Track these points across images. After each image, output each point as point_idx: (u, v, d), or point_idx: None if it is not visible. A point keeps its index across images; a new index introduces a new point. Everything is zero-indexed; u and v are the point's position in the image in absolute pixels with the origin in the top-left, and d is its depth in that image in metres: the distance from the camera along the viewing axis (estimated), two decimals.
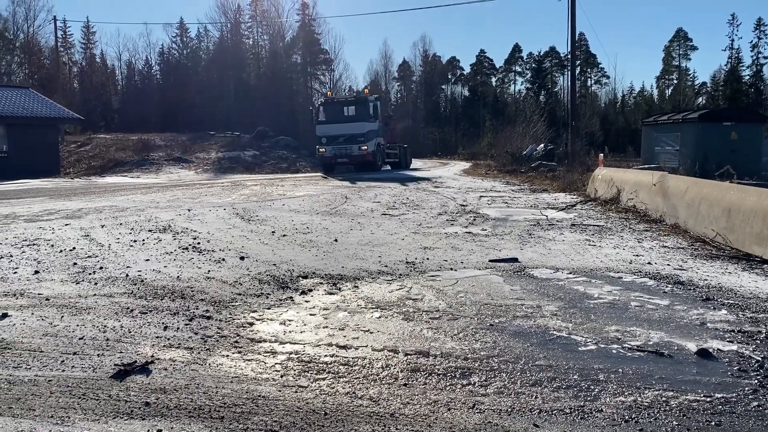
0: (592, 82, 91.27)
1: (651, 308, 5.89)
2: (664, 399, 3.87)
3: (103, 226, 10.70)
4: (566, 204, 14.56)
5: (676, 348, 4.79)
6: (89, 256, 8.18)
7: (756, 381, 4.16)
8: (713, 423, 3.56)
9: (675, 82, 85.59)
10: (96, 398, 3.86)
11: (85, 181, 24.77)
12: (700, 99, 76.26)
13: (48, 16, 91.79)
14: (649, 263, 7.89)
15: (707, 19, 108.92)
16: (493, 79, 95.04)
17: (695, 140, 22.42)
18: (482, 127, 72.31)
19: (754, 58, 70.66)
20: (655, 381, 4.16)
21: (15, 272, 7.29)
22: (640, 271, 7.42)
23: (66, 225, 10.84)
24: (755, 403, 3.81)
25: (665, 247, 8.99)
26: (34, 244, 8.99)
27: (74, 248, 8.71)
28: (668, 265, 7.78)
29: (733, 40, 75.96)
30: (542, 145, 32.19)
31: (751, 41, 70.62)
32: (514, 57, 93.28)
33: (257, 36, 79.00)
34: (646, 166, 22.20)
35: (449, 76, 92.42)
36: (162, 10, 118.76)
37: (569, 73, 37.16)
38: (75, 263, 7.77)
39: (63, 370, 4.30)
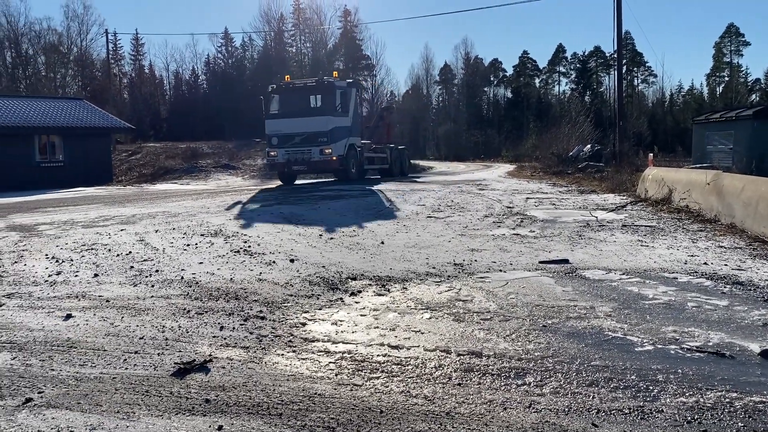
0: (639, 81, 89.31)
1: (709, 309, 5.74)
2: (727, 400, 3.77)
3: (156, 231, 10.98)
4: (616, 205, 14.28)
5: (738, 349, 4.66)
6: (145, 260, 8.42)
7: None
8: None
9: (726, 79, 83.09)
10: (158, 395, 3.97)
11: (137, 188, 25.49)
12: (754, 96, 73.81)
13: (99, 30, 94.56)
14: (705, 263, 7.68)
15: (760, 13, 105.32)
16: (537, 81, 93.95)
17: (750, 138, 21.72)
18: (526, 129, 71.52)
19: None
20: (717, 382, 4.05)
21: (76, 275, 7.56)
22: (696, 272, 7.23)
23: (121, 230, 11.16)
24: None
25: (721, 247, 8.74)
26: (92, 249, 9.29)
27: (130, 252, 8.97)
28: (725, 265, 7.56)
29: None
30: (589, 146, 31.64)
31: None
32: (558, 57, 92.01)
33: (300, 44, 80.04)
34: (698, 165, 21.60)
35: (491, 79, 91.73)
36: (208, 20, 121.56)
37: (615, 72, 36.33)
38: (132, 266, 8.00)
39: (126, 368, 4.45)
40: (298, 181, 24.40)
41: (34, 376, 4.32)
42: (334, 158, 21.60)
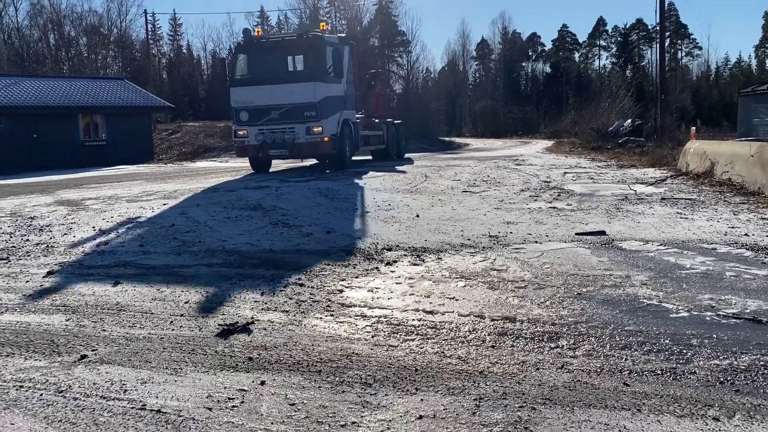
0: (683, 54, 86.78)
1: (748, 278, 5.69)
2: (762, 363, 3.78)
3: (198, 205, 11.27)
4: (656, 178, 14.06)
5: None
6: (187, 232, 8.68)
7: None
8: None
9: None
10: (204, 353, 4.17)
11: (177, 165, 26.03)
12: None
13: (138, 11, 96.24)
14: (746, 235, 7.56)
15: None
16: (576, 55, 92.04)
17: None
18: (565, 105, 70.32)
19: None
20: (753, 347, 4.05)
21: (122, 246, 7.85)
22: (736, 243, 7.14)
23: (164, 204, 11.48)
24: None
25: (765, 219, 8.57)
26: (137, 222, 9.61)
27: (173, 225, 9.26)
28: (767, 236, 7.44)
29: None
30: (629, 121, 31.02)
31: None
32: (598, 31, 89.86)
33: (335, 21, 79.77)
34: (744, 138, 21.02)
35: (530, 53, 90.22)
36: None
37: (658, 45, 35.36)
38: (175, 238, 8.27)
39: (173, 330, 4.66)
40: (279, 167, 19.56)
41: (87, 335, 4.57)
42: (326, 139, 15.91)
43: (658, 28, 31.06)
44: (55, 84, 30.49)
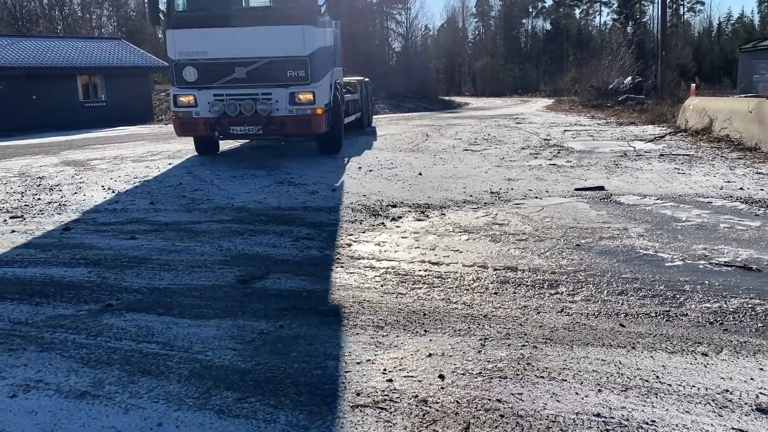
0: (685, 9, 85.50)
1: (741, 229, 5.91)
2: (750, 306, 4.03)
3: (203, 165, 11.44)
4: (655, 135, 14.19)
5: (765, 263, 4.87)
6: (195, 190, 8.87)
7: None
8: None
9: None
10: (223, 300, 4.41)
11: None
12: None
13: None
14: (741, 189, 7.77)
15: None
16: (577, 12, 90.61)
17: None
18: (565, 63, 69.69)
19: None
20: (742, 291, 4.30)
21: (133, 204, 8.05)
22: (732, 196, 7.35)
23: (169, 164, 11.65)
24: None
25: (760, 173, 8.77)
26: (144, 181, 9.79)
27: (180, 183, 9.44)
28: (762, 190, 7.64)
29: None
30: (629, 78, 30.88)
31: None
32: None
33: None
34: (743, 95, 21.02)
35: (530, 10, 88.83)
36: None
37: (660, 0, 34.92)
38: (184, 196, 8.46)
39: (192, 280, 4.89)
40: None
41: (110, 286, 4.80)
42: (319, 111, 11.01)
43: None
44: (52, 44, 30.20)
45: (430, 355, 3.45)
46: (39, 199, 8.62)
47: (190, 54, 10.90)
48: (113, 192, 8.91)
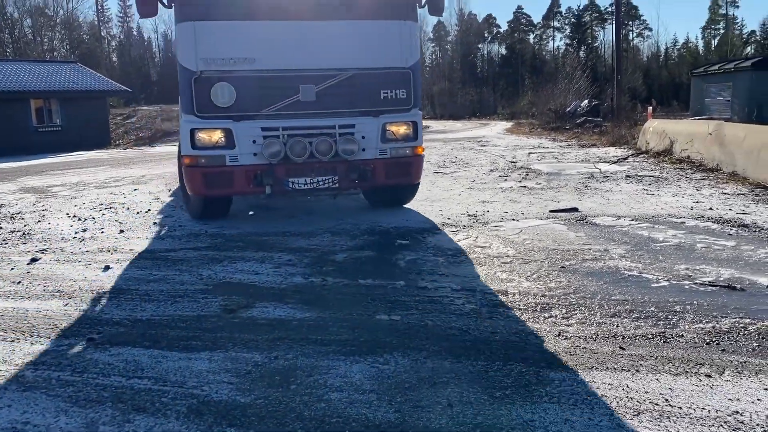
0: (634, 35, 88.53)
1: (718, 249, 6.03)
2: (741, 325, 4.08)
3: (170, 190, 11.19)
4: (618, 157, 14.52)
5: (747, 282, 4.96)
6: (166, 216, 8.64)
7: None
8: None
9: (722, 31, 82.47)
10: (212, 331, 4.25)
11: (138, 151, 25.48)
12: (749, 48, 73.42)
13: None
14: (710, 209, 7.96)
15: None
16: (531, 37, 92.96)
17: (748, 89, 21.86)
18: (521, 86, 71.15)
19: None
20: (731, 311, 4.36)
21: (102, 232, 7.78)
22: (703, 216, 7.52)
23: (135, 190, 11.36)
24: None
25: (725, 193, 9.02)
26: (111, 207, 9.50)
27: (149, 210, 9.19)
28: (730, 210, 7.85)
29: None
30: (586, 101, 31.69)
31: None
32: (553, 12, 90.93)
33: None
34: (698, 117, 21.78)
35: (485, 35, 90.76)
36: None
37: (611, 26, 36.06)
38: (154, 222, 8.23)
39: (175, 311, 4.71)
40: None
41: (89, 319, 4.59)
42: (421, 151, 7.84)
43: (610, 9, 31.66)
44: (4, 67, 29.40)
45: (434, 384, 3.38)
46: (0, 228, 8.27)
47: (224, 62, 6.76)
48: (79, 220, 8.62)
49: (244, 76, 6.86)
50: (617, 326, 4.16)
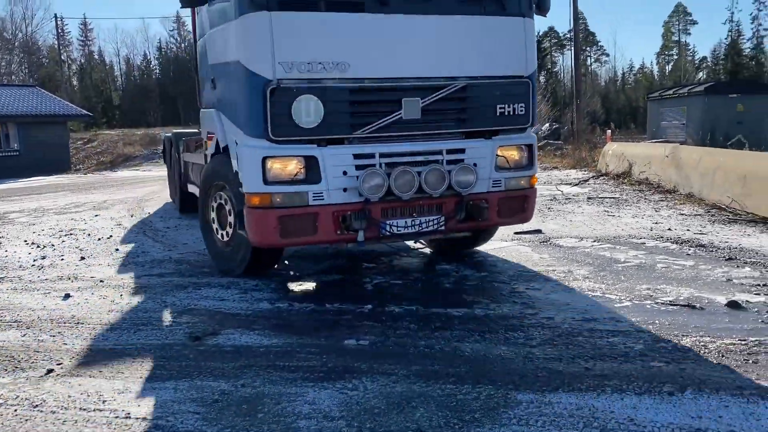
0: (592, 60, 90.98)
1: (677, 268, 6.18)
2: (702, 343, 4.18)
3: (132, 216, 11.01)
4: (579, 179, 14.82)
5: (706, 301, 5.09)
6: (128, 242, 8.49)
7: None
8: (751, 361, 3.87)
9: (675, 57, 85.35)
10: (177, 360, 4.17)
11: (98, 175, 25.03)
12: (701, 74, 76.11)
13: (45, 15, 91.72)
14: (669, 229, 8.17)
15: None
16: None
17: (702, 113, 22.64)
18: None
19: (755, 30, 70.28)
20: (691, 330, 4.46)
21: (62, 259, 7.60)
22: (662, 237, 7.71)
23: (96, 216, 11.14)
24: None
25: (683, 214, 9.27)
26: (71, 234, 9.29)
27: (111, 236, 9.02)
28: (688, 230, 8.06)
29: (732, 13, 75.78)
30: (547, 125, 32.34)
31: (751, 14, 70.42)
32: None
33: None
34: (654, 140, 22.41)
35: None
36: (159, 4, 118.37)
37: (570, 51, 37.03)
38: (117, 249, 8.07)
39: (139, 340, 4.62)
40: None
41: (48, 349, 4.46)
42: (535, 180, 6.40)
43: (569, 35, 32.55)
44: None
45: (403, 409, 3.37)
46: None
47: (310, 68, 5.18)
48: (38, 247, 8.40)
49: (335, 86, 5.24)
50: (582, 347, 4.21)
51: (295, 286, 6.08)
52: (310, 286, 6.09)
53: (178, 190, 10.68)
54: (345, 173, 5.30)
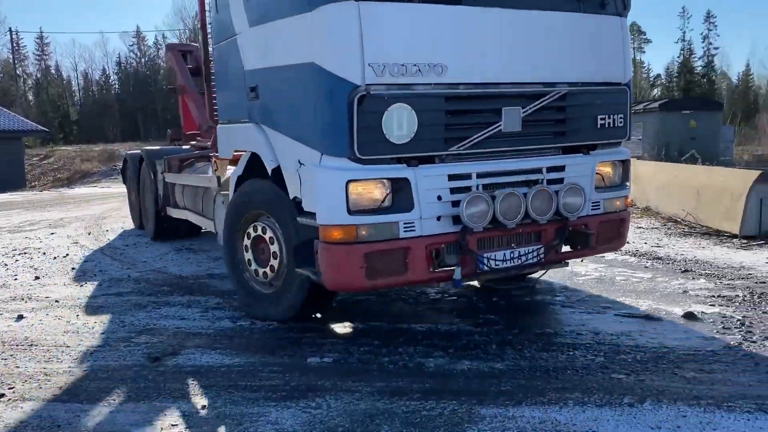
0: None
1: (636, 281, 6.32)
2: (660, 355, 4.27)
3: (89, 234, 10.75)
4: None
5: (664, 313, 5.21)
6: (85, 261, 8.28)
7: (740, 336, 4.59)
8: (706, 370, 3.96)
9: (631, 75, 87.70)
10: (136, 381, 4.07)
11: (55, 193, 24.42)
12: (656, 90, 78.37)
13: (0, 29, 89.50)
14: (627, 243, 8.33)
15: (660, 12, 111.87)
16: None
17: (657, 129, 23.24)
18: None
19: (705, 49, 72.69)
20: (650, 341, 4.55)
21: (15, 279, 7.36)
22: (620, 250, 7.85)
23: (52, 234, 10.85)
24: (741, 353, 4.24)
25: (640, 227, 9.48)
26: (25, 253, 9.03)
27: (67, 255, 8.78)
28: (645, 243, 8.25)
29: (684, 33, 78.17)
30: None
31: (702, 33, 72.62)
32: None
33: None
34: None
35: None
36: (118, 18, 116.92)
37: None
38: (73, 268, 7.87)
39: (95, 361, 4.49)
40: None
41: (0, 373, 4.31)
42: (629, 202, 5.84)
43: None
44: None
45: (367, 426, 3.34)
46: None
47: (404, 71, 4.35)
48: None
49: (430, 93, 4.38)
50: (546, 360, 4.25)
51: None
52: None
53: (153, 215, 9.49)
54: (439, 198, 4.40)
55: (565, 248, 4.98)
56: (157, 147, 10.71)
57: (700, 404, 3.47)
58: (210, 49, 6.64)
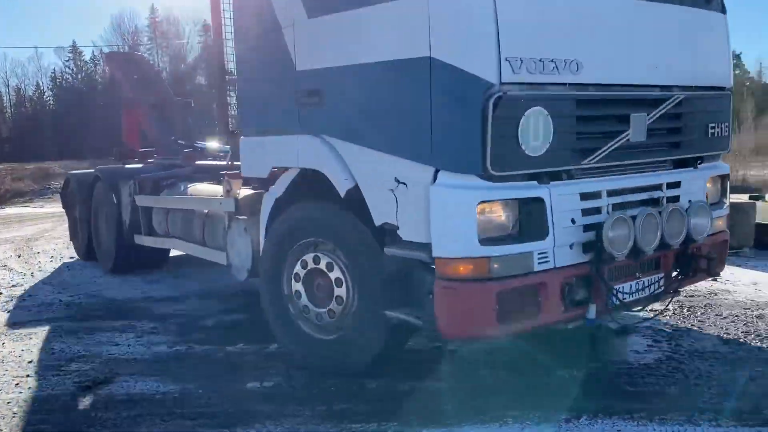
0: None
1: None
2: (595, 370, 4.37)
3: (20, 256, 10.29)
4: None
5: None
6: (14, 285, 7.92)
7: (669, 349, 4.76)
8: (640, 383, 4.09)
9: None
10: (64, 413, 3.90)
11: None
12: None
13: None
14: None
15: None
16: None
17: None
18: None
19: None
20: (585, 357, 4.64)
21: None
22: None
23: None
24: (671, 366, 4.39)
25: None
26: None
27: None
28: None
29: None
30: None
31: None
32: None
33: (158, 57, 77.03)
34: None
35: None
36: (53, 33, 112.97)
37: None
38: (0, 292, 7.52)
39: (21, 392, 4.28)
40: None
41: None
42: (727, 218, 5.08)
43: None
44: None
45: None
46: None
47: (539, 67, 3.60)
48: None
49: (564, 96, 3.76)
50: (485, 378, 4.30)
51: (197, 329, 5.86)
52: (212, 326, 5.88)
53: (113, 245, 8.15)
54: (573, 221, 3.76)
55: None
56: (117, 166, 9.23)
57: (633, 418, 3.57)
58: (225, 50, 5.76)
